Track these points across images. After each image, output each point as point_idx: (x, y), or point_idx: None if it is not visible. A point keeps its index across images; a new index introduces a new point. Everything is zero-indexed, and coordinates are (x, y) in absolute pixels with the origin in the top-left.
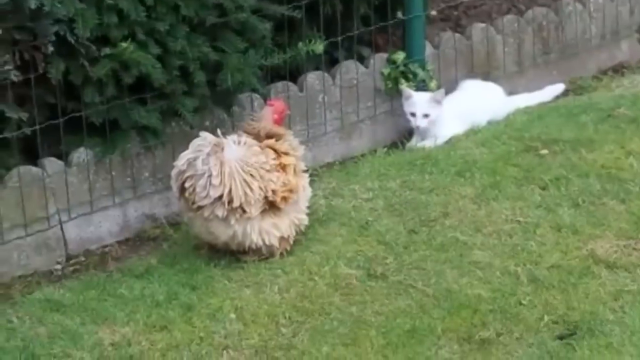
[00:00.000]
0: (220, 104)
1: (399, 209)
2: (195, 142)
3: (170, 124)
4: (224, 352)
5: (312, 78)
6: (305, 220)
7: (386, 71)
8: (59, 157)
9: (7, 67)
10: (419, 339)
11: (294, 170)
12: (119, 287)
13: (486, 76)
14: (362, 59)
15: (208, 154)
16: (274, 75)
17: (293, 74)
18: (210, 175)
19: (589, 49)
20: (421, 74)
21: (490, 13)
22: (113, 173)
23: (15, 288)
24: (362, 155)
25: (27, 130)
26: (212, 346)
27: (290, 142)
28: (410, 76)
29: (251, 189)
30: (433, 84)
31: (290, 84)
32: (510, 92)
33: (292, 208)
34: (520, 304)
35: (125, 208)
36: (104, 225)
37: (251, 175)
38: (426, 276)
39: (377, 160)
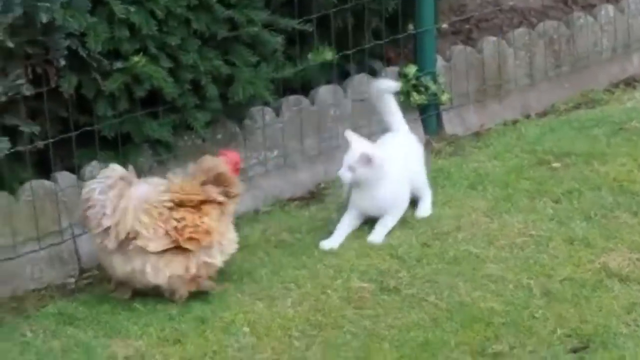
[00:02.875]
0: (232, 117)
1: (412, 222)
2: (103, 172)
3: (183, 138)
4: None
5: (324, 91)
6: (216, 266)
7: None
8: (72, 170)
9: (19, 81)
10: (432, 352)
11: (220, 214)
12: (132, 300)
13: (498, 89)
14: (373, 72)
15: (109, 186)
16: (286, 88)
17: (305, 88)
18: (104, 206)
19: (601, 62)
20: (433, 87)
21: (502, 26)
22: None
23: (29, 302)
24: None
25: (40, 144)
26: None
27: (231, 188)
28: (422, 89)
29: (143, 224)
30: (445, 97)
31: (302, 97)
32: (522, 106)
33: (205, 251)
34: (533, 317)
35: None
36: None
37: (147, 212)
38: (439, 289)
39: None
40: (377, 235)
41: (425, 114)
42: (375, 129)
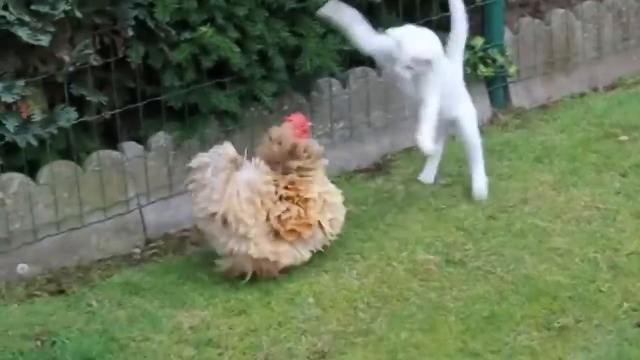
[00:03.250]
0: (298, 89)
1: None
2: (215, 150)
3: (249, 109)
4: (302, 336)
5: None
6: (306, 257)
7: (465, 57)
8: (138, 141)
9: (87, 52)
10: (497, 325)
11: (317, 201)
12: (198, 271)
13: (565, 62)
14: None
15: (220, 168)
16: (353, 60)
17: (372, 59)
18: (213, 189)
19: None
20: (500, 59)
21: None
22: (192, 157)
23: (95, 271)
24: None
25: (107, 114)
26: (290, 331)
27: (311, 154)
28: (489, 61)
29: (246, 213)
30: (512, 70)
31: (368, 69)
32: (590, 79)
33: (303, 242)
34: (600, 291)
35: None
36: (182, 210)
37: (251, 200)
38: (505, 262)
39: (455, 145)
40: (479, 185)
41: (492, 87)
42: None
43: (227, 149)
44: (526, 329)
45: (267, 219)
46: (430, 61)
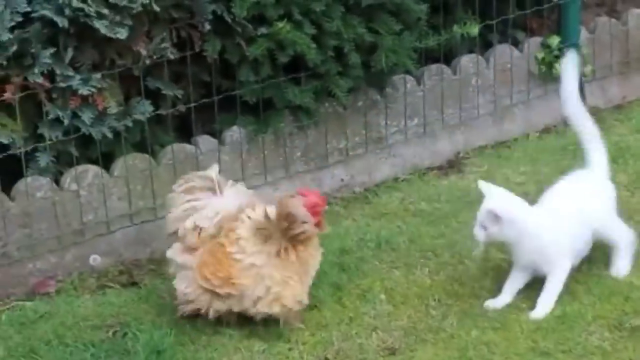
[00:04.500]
0: (373, 85)
1: None
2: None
3: (324, 104)
4: (373, 332)
5: (466, 61)
6: (219, 313)
7: (540, 55)
8: (213, 135)
9: (164, 45)
10: (569, 324)
11: (258, 272)
12: None
13: None
14: (516, 43)
15: (186, 190)
16: (428, 57)
17: (447, 57)
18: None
19: None
20: None
21: None
22: (265, 152)
23: (167, 265)
24: (515, 140)
25: (182, 108)
26: (361, 326)
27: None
28: None
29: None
30: (588, 69)
31: (443, 66)
32: None
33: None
34: None
35: (276, 187)
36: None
37: (195, 225)
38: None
39: (529, 144)
40: (539, 310)
41: None
42: (515, 100)
43: (211, 172)
44: (598, 329)
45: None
46: (500, 218)
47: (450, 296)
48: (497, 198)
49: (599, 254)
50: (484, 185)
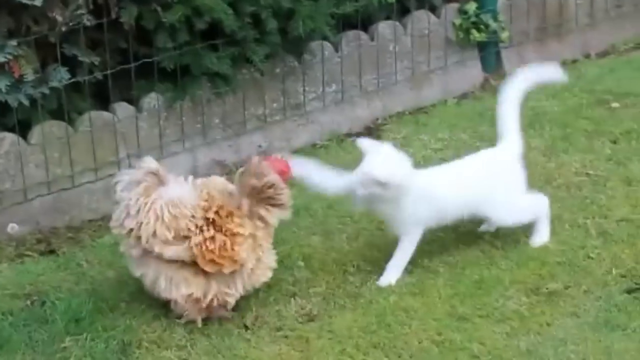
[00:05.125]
0: (291, 52)
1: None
2: (138, 165)
3: (241, 71)
4: (292, 299)
5: (384, 27)
6: (231, 301)
7: (458, 21)
8: (130, 102)
9: (80, 12)
10: (486, 289)
11: (253, 244)
12: None
13: (558, 28)
14: (433, 9)
15: (135, 182)
16: (345, 23)
17: (364, 23)
18: (128, 205)
19: None
20: (493, 25)
21: None
22: (183, 119)
23: (85, 232)
24: (433, 106)
25: (99, 75)
26: (279, 293)
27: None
28: (482, 27)
29: (165, 229)
30: (505, 35)
31: (361, 33)
32: (582, 46)
33: (222, 279)
34: (589, 257)
35: (194, 154)
36: (173, 171)
37: (175, 217)
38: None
39: (447, 110)
40: (385, 278)
41: (485, 52)
42: (433, 66)
43: (147, 162)
44: (515, 293)
45: (189, 244)
46: (384, 185)
47: (368, 262)
48: (378, 160)
49: None
50: (363, 143)
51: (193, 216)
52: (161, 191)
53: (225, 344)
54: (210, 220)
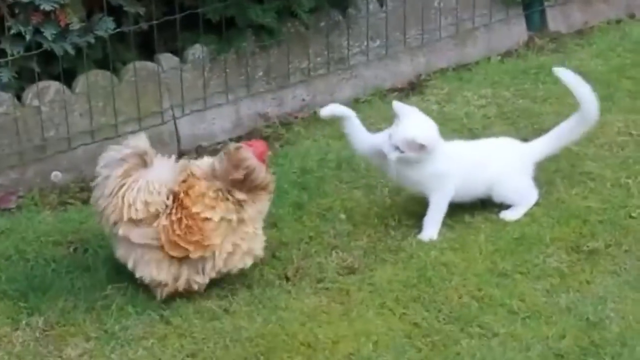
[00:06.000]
0: (336, 6)
1: (512, 117)
2: (127, 141)
3: (286, 24)
4: (333, 251)
5: None
6: (202, 286)
7: None
8: (175, 53)
9: None
10: (527, 246)
11: (228, 228)
12: None
13: None
14: None
15: (118, 160)
16: None
17: None
18: (105, 185)
19: None
20: None
21: None
22: (227, 71)
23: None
24: (476, 63)
25: (144, 25)
26: (321, 245)
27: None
28: None
29: (137, 210)
30: None
31: None
32: (627, 5)
33: (192, 265)
34: (630, 216)
35: (238, 106)
36: (216, 123)
37: (149, 196)
38: (537, 185)
39: (491, 67)
40: (425, 232)
41: (529, 10)
42: (477, 23)
43: (135, 141)
44: (556, 251)
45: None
46: (424, 148)
47: (410, 217)
48: (416, 124)
49: (557, 178)
50: (398, 106)
51: (164, 201)
52: (141, 173)
53: (266, 294)
54: (180, 202)
